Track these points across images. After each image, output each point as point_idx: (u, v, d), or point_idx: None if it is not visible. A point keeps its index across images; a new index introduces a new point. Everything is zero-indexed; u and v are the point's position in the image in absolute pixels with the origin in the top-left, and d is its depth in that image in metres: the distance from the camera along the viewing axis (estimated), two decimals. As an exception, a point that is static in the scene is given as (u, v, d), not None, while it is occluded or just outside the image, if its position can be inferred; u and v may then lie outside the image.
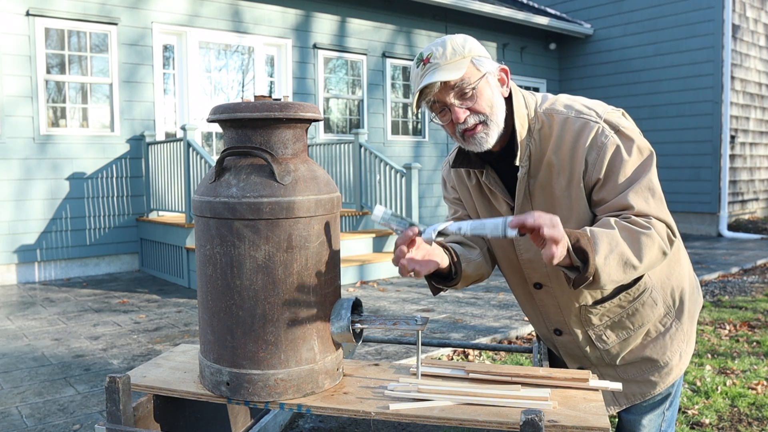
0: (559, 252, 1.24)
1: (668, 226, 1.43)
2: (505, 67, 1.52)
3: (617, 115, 1.51)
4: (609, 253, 1.35)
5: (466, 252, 1.63)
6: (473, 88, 1.45)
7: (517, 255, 1.63)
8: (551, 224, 1.23)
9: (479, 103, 1.46)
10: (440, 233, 1.34)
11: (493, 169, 1.61)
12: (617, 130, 1.47)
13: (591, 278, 1.35)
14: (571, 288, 1.41)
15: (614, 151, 1.45)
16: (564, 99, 1.57)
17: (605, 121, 1.48)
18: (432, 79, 1.42)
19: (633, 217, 1.41)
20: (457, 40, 1.47)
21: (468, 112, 1.46)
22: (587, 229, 1.38)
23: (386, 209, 1.40)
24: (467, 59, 1.44)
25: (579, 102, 1.55)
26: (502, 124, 1.49)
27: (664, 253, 1.42)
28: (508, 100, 1.52)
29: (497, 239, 1.64)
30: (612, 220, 1.40)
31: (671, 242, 1.43)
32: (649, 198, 1.43)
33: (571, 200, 1.51)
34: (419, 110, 1.46)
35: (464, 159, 1.62)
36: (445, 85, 1.45)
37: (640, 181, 1.43)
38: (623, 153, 1.45)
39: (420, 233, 1.34)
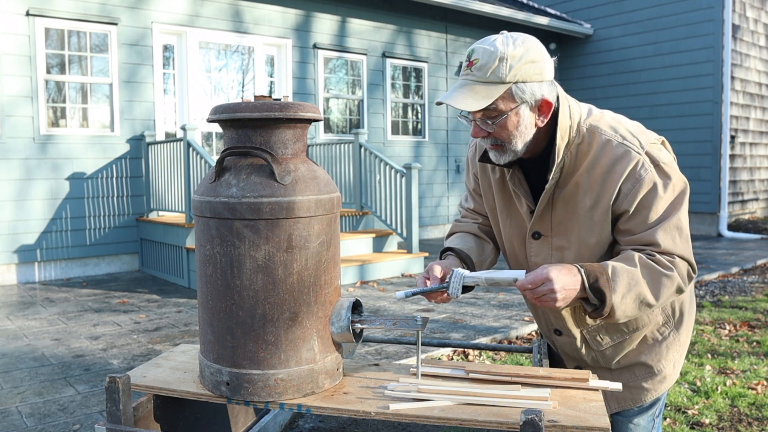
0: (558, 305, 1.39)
1: (690, 264, 1.47)
2: (549, 100, 1.46)
3: (658, 148, 1.51)
4: (627, 292, 1.40)
5: (480, 254, 1.73)
6: (500, 116, 1.44)
7: (527, 258, 1.66)
8: (550, 291, 1.36)
9: (499, 132, 1.47)
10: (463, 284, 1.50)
11: (520, 168, 1.60)
12: (656, 165, 1.47)
13: (607, 314, 1.41)
14: (587, 316, 1.49)
15: (650, 187, 1.46)
16: (608, 118, 1.55)
17: (647, 153, 1.48)
18: (460, 104, 1.41)
19: (657, 255, 1.44)
20: (508, 55, 1.40)
21: (487, 133, 1.49)
22: (609, 264, 1.41)
23: (406, 290, 1.52)
24: (506, 86, 1.41)
25: (623, 125, 1.53)
26: (520, 152, 1.50)
27: (681, 291, 1.47)
28: (553, 114, 1.50)
29: (509, 237, 1.69)
30: (636, 256, 1.44)
31: (690, 279, 1.48)
32: (677, 237, 1.45)
33: (593, 221, 1.52)
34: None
35: None
36: None
37: (670, 219, 1.45)
38: (659, 189, 1.45)
39: (446, 290, 1.50)
